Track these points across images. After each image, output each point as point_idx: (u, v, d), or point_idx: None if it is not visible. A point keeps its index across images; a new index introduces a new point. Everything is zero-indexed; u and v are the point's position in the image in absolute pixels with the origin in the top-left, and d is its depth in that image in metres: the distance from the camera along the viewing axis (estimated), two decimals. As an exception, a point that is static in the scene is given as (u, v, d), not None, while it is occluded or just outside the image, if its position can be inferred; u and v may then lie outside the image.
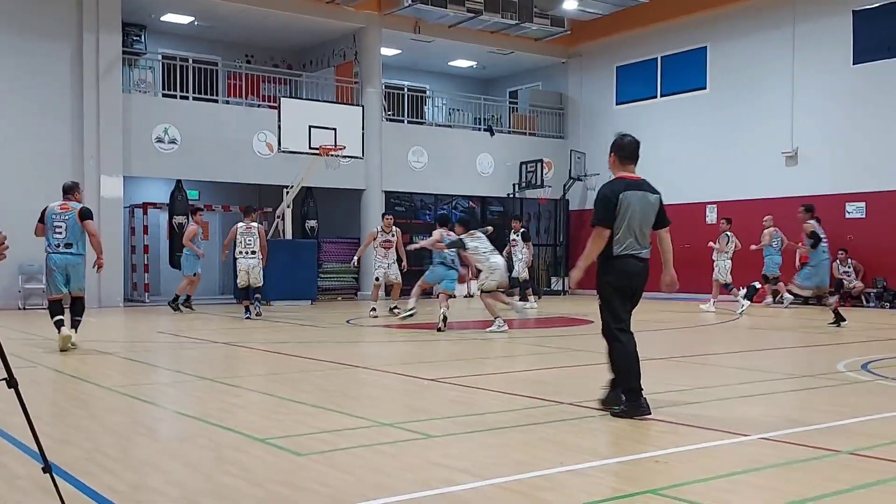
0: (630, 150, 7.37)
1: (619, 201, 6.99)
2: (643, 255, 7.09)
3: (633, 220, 7.01)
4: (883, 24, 21.49)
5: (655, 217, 7.22)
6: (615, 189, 7.09)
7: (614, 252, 6.99)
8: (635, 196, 7.07)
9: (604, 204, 7.07)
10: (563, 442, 6.12)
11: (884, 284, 20.90)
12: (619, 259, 7.00)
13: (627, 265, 7.02)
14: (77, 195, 12.30)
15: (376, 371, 9.90)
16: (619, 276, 7.04)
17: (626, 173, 7.28)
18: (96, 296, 20.86)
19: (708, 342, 13.87)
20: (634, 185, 7.17)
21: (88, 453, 5.70)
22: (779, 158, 23.25)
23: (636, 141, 7.43)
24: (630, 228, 7.00)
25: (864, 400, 8.07)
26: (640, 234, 7.07)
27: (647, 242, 7.13)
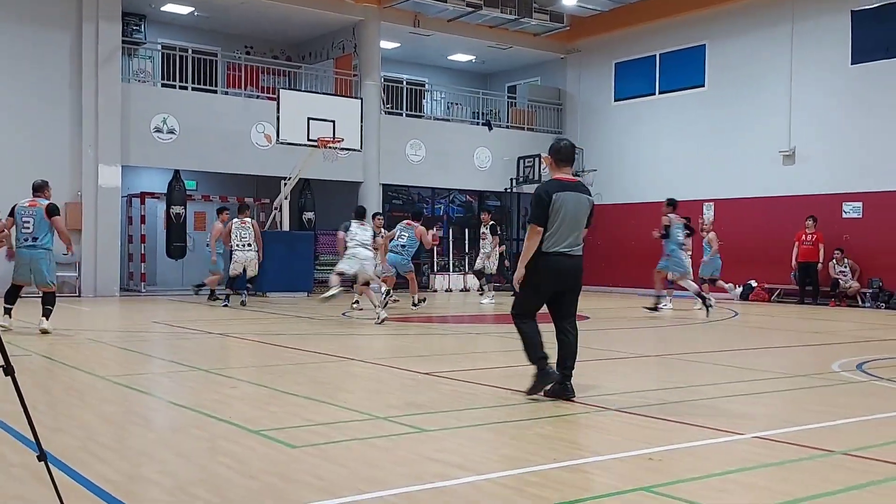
0: (566, 154, 7.81)
1: (552, 201, 7.41)
2: (574, 252, 7.52)
3: (566, 219, 7.44)
4: (881, 24, 21.48)
5: (588, 216, 7.66)
6: (549, 190, 7.51)
7: (545, 248, 7.45)
8: (569, 196, 7.49)
9: (538, 204, 7.49)
10: (557, 438, 6.14)
11: (879, 285, 20.92)
12: (549, 255, 7.45)
13: (557, 262, 7.46)
14: (46, 192, 12.79)
15: (371, 364, 9.91)
16: (546, 271, 7.49)
17: (562, 175, 7.70)
18: (92, 285, 20.89)
19: (701, 340, 13.88)
20: (569, 186, 7.58)
21: (82, 442, 5.70)
22: (776, 157, 23.25)
23: (572, 145, 7.96)
24: (562, 227, 7.44)
25: (859, 400, 8.08)
26: (572, 233, 7.51)
27: (578, 240, 7.56)
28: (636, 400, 7.65)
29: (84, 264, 20.87)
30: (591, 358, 11.27)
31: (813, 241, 21.59)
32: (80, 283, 20.89)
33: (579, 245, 7.58)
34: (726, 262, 22.16)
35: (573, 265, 7.54)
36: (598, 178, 27.96)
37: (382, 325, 14.56)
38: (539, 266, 7.50)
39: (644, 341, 13.58)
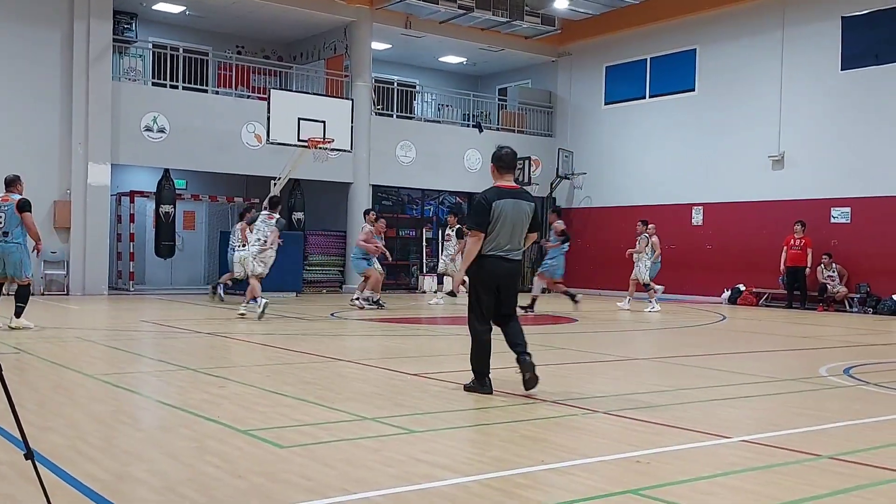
0: (507, 161, 8.18)
1: (492, 208, 7.78)
2: (512, 256, 7.92)
3: (505, 225, 7.81)
4: (871, 31, 21.57)
5: (529, 223, 8.00)
6: (489, 197, 7.89)
7: (484, 252, 7.84)
8: (508, 204, 7.85)
9: (479, 210, 7.90)
10: (545, 440, 6.15)
11: (867, 290, 21.00)
12: (488, 259, 7.85)
13: (495, 265, 7.86)
14: (18, 187, 12.86)
15: (360, 365, 9.91)
16: (487, 274, 7.89)
17: (503, 182, 8.07)
18: (80, 283, 20.84)
19: (690, 344, 13.91)
20: (509, 193, 7.95)
21: (70, 441, 5.69)
22: (765, 162, 23.33)
23: (513, 153, 8.30)
24: (502, 232, 7.82)
25: (846, 405, 8.12)
26: (512, 238, 7.87)
27: (518, 245, 7.93)
28: (624, 403, 7.67)
29: (72, 262, 20.81)
30: (579, 360, 11.30)
31: (801, 246, 21.66)
32: (68, 281, 20.83)
33: (518, 250, 7.96)
34: (718, 266, 22.30)
35: (510, 268, 7.96)
36: (587, 181, 28.01)
37: (242, 318, 15.34)
38: (479, 269, 7.90)
39: (632, 344, 13.61)
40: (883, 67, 21.23)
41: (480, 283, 7.94)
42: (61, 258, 20.78)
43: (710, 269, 24.29)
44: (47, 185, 20.36)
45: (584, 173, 28.16)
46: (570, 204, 28.75)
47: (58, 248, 20.63)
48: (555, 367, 10.20)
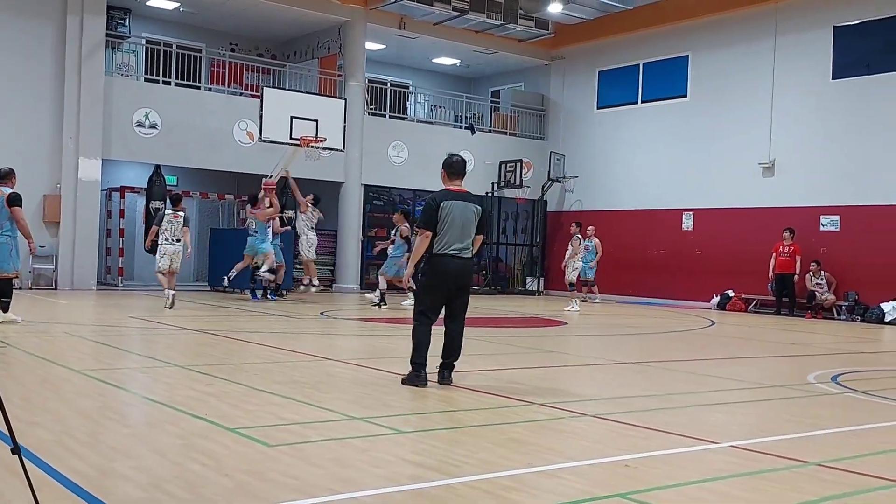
0: (457, 168, 8.65)
1: (440, 208, 8.28)
2: (463, 254, 8.36)
3: (454, 224, 8.29)
4: (862, 41, 21.65)
5: (476, 225, 8.44)
6: (437, 199, 8.38)
7: (435, 250, 8.34)
8: (456, 205, 8.33)
9: (427, 211, 8.41)
10: (533, 443, 6.14)
11: (855, 298, 21.06)
12: (438, 257, 8.33)
13: (446, 263, 8.31)
14: (11, 181, 12.76)
15: (349, 364, 9.89)
16: (437, 270, 8.34)
17: (452, 186, 8.57)
18: (69, 278, 20.77)
19: (678, 348, 13.93)
20: (456, 196, 8.44)
21: (57, 436, 5.67)
22: (756, 169, 23.38)
23: (463, 160, 8.78)
24: (450, 231, 8.28)
25: (834, 412, 8.14)
26: (461, 237, 8.32)
27: (467, 244, 8.37)
28: (612, 406, 7.67)
29: (61, 257, 20.74)
30: (568, 364, 11.31)
31: (790, 253, 21.71)
32: (56, 275, 20.76)
33: (468, 249, 8.39)
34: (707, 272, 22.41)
35: (461, 266, 8.35)
36: (579, 184, 28.05)
37: (172, 309, 15.92)
38: (430, 267, 8.41)
39: (621, 348, 13.62)
40: (874, 77, 21.31)
41: (431, 279, 8.41)
42: (50, 253, 20.71)
43: (699, 274, 24.34)
44: (37, 180, 20.28)
45: (576, 177, 28.19)
46: (560, 207, 28.79)
47: (47, 242, 20.55)
48: (543, 370, 10.21)
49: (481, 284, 27.69)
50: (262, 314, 16.44)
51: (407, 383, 8.30)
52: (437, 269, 8.34)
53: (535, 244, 29.09)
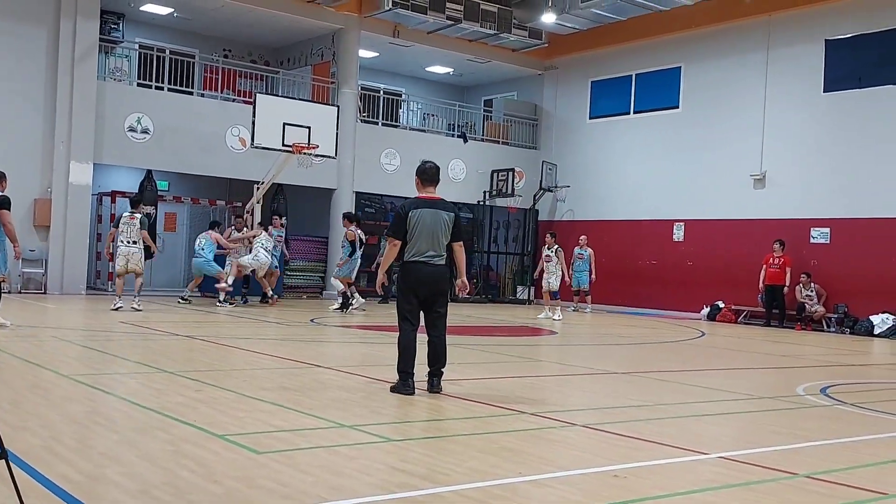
0: (430, 175, 8.71)
1: (409, 217, 8.38)
2: (434, 262, 8.42)
3: (423, 232, 8.36)
4: (854, 54, 21.74)
5: (451, 232, 8.50)
6: (407, 207, 8.50)
7: (406, 258, 8.44)
8: (427, 212, 8.41)
9: (395, 219, 8.58)
10: (523, 452, 6.14)
11: (845, 310, 21.11)
12: (410, 264, 8.43)
13: (417, 269, 8.40)
14: (2, 185, 12.77)
15: (338, 371, 9.88)
16: (408, 278, 8.44)
17: (424, 193, 8.65)
18: (59, 282, 20.71)
19: (668, 359, 13.94)
20: (428, 203, 8.50)
21: (45, 441, 5.65)
22: (747, 180, 23.45)
23: (436, 167, 8.82)
24: (420, 238, 8.37)
25: (823, 424, 8.15)
26: (432, 244, 8.39)
27: (439, 251, 8.43)
28: (602, 416, 7.68)
29: (51, 261, 20.68)
30: (558, 373, 11.31)
31: (780, 265, 21.77)
32: (46, 279, 20.69)
33: (441, 256, 8.45)
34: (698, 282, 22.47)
35: (432, 272, 8.41)
36: (571, 194, 28.08)
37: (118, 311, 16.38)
38: (402, 274, 8.52)
39: (612, 358, 13.63)
40: (865, 91, 21.40)
41: (404, 287, 8.49)
42: (40, 257, 20.64)
43: (689, 285, 24.38)
44: (28, 183, 20.23)
45: (568, 186, 28.23)
46: (552, 216, 28.81)
47: (37, 246, 20.50)
48: (533, 379, 10.21)
49: (472, 293, 27.69)
50: (253, 320, 16.41)
51: (395, 391, 8.30)
52: (408, 275, 8.44)
53: (526, 253, 29.10)
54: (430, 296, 8.45)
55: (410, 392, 8.24)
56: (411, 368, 8.34)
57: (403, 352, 8.36)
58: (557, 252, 20.83)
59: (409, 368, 8.33)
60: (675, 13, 24.25)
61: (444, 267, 8.52)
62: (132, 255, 17.04)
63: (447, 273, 8.55)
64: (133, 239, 17.02)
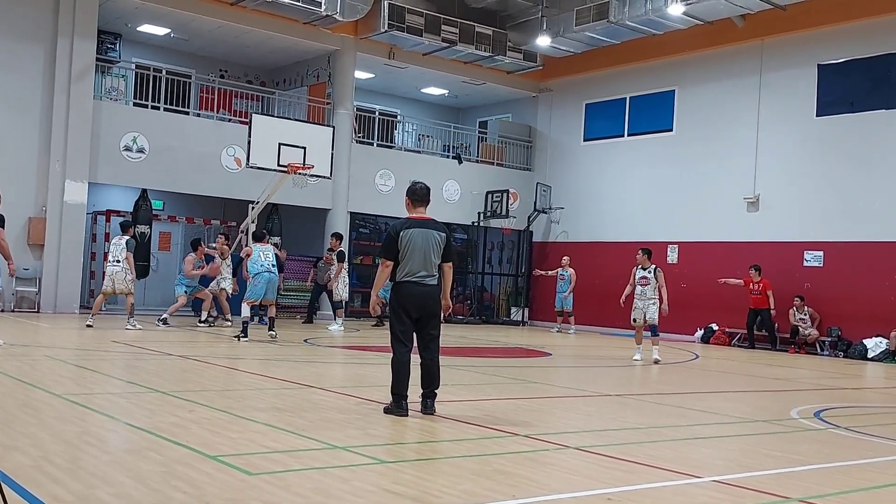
0: (420, 195, 8.77)
1: (400, 238, 8.40)
2: (427, 281, 8.43)
3: (415, 252, 8.37)
4: (847, 79, 21.85)
5: (442, 252, 8.51)
6: (398, 228, 8.53)
7: (398, 278, 8.45)
8: (418, 232, 8.44)
9: (386, 240, 8.63)
10: (517, 474, 6.11)
11: (838, 334, 21.12)
12: (401, 284, 8.43)
13: (409, 289, 8.40)
14: None
15: (332, 392, 9.85)
16: (400, 298, 8.42)
17: (415, 214, 8.68)
18: (52, 301, 20.65)
19: (662, 381, 13.93)
20: (419, 223, 8.54)
21: (36, 461, 5.62)
22: (740, 203, 23.51)
23: (426, 187, 8.87)
24: (412, 259, 8.38)
25: (817, 448, 8.14)
26: (424, 264, 8.40)
27: (431, 271, 8.44)
28: (596, 439, 7.66)
29: (45, 280, 20.63)
30: (553, 395, 11.29)
31: (760, 290, 21.84)
32: (39, 298, 20.64)
33: (433, 276, 8.46)
34: (692, 305, 22.49)
35: (424, 292, 8.41)
36: (565, 216, 28.11)
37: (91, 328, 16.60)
38: (394, 294, 8.48)
39: (606, 380, 13.61)
40: (858, 115, 21.49)
41: (397, 307, 8.44)
42: (34, 275, 20.60)
43: (683, 307, 24.24)
44: (23, 202, 20.22)
45: (562, 208, 28.26)
46: (546, 238, 28.84)
47: (31, 264, 20.46)
48: (527, 401, 10.19)
49: (466, 314, 27.68)
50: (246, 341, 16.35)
51: (389, 413, 8.28)
52: (400, 295, 8.42)
53: (520, 274, 29.12)
54: (423, 316, 8.44)
55: (404, 413, 8.21)
56: (405, 390, 8.31)
57: (397, 373, 8.32)
58: (657, 273, 16.85)
59: (402, 390, 8.30)
60: (668, 37, 24.36)
61: (436, 287, 8.52)
62: (116, 275, 17.20)
63: (439, 293, 8.55)
64: (117, 258, 17.20)
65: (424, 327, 8.49)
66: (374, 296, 8.89)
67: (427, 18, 24.74)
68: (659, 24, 23.53)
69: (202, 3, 22.50)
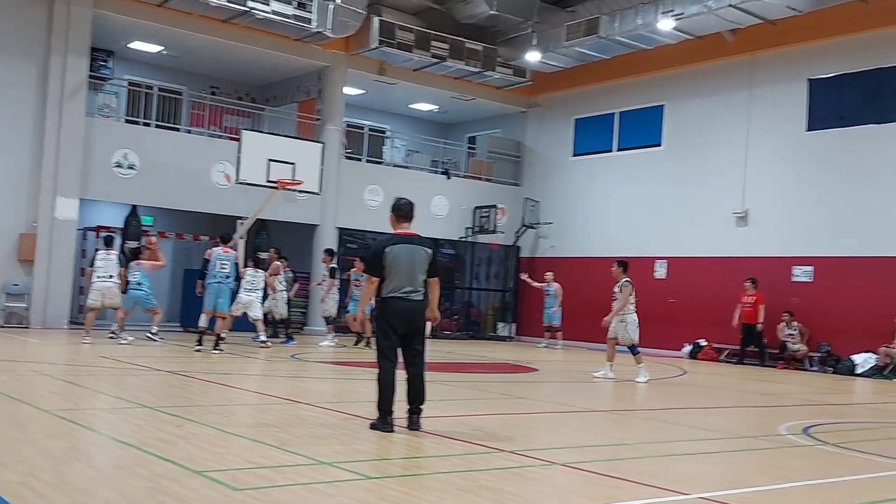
0: (405, 211, 8.83)
1: (385, 254, 8.44)
2: (412, 297, 8.45)
3: (401, 268, 8.41)
4: (837, 94, 21.96)
5: (427, 267, 8.54)
6: (382, 244, 8.57)
7: (383, 294, 8.47)
8: (403, 248, 8.48)
9: (371, 257, 8.65)
10: (503, 490, 6.12)
11: (827, 349, 21.16)
12: (387, 300, 8.45)
13: (395, 304, 8.42)
14: None
15: (318, 408, 9.85)
16: (386, 313, 8.44)
17: (400, 230, 8.75)
18: (41, 317, 20.59)
19: (650, 397, 13.94)
20: (404, 240, 8.59)
21: (23, 477, 5.61)
22: (729, 218, 23.56)
23: (411, 203, 8.91)
24: (397, 275, 8.41)
25: (805, 464, 8.16)
26: (410, 280, 8.44)
27: (417, 286, 8.47)
28: (583, 455, 7.67)
29: (35, 295, 20.57)
30: (540, 411, 11.30)
31: (753, 304, 21.86)
32: (29, 314, 20.57)
33: (419, 291, 8.48)
34: (680, 320, 22.51)
35: (410, 307, 8.43)
36: (553, 230, 28.13)
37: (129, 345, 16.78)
38: (380, 310, 8.50)
39: (594, 396, 13.63)
40: (848, 130, 21.58)
41: (383, 322, 8.46)
42: (23, 291, 20.54)
43: (671, 322, 24.38)
44: (14, 217, 20.20)
45: (550, 223, 28.29)
46: (534, 253, 28.86)
47: (20, 280, 20.41)
48: (513, 417, 10.20)
49: (453, 330, 27.68)
50: (233, 356, 16.34)
51: (374, 429, 8.28)
52: (386, 311, 8.43)
53: (507, 290, 29.13)
54: (409, 332, 8.45)
55: (390, 429, 8.21)
56: (391, 406, 8.31)
57: (383, 389, 8.34)
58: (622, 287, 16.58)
59: (388, 406, 8.31)
60: (658, 52, 24.46)
61: (422, 302, 8.52)
62: (108, 290, 17.30)
63: (424, 309, 8.56)
64: (110, 273, 17.30)
65: (410, 343, 8.49)
66: (360, 312, 9.01)
67: (417, 34, 24.81)
68: (649, 39, 23.62)
69: (194, 21, 22.52)
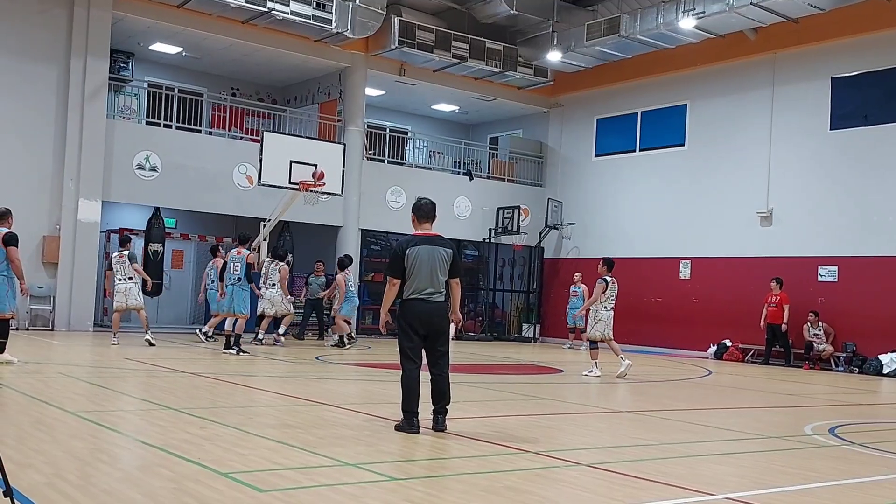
0: (426, 211, 8.77)
1: (406, 255, 8.39)
2: (434, 298, 8.42)
3: (422, 269, 8.37)
4: (860, 92, 21.80)
5: (449, 268, 8.50)
6: (403, 245, 8.52)
7: (405, 296, 8.45)
8: (424, 249, 8.43)
9: (392, 258, 8.57)
10: (527, 491, 6.09)
11: (853, 349, 21.01)
12: (409, 301, 8.43)
13: (416, 306, 8.40)
14: (8, 221, 12.85)
15: (343, 409, 9.85)
16: (408, 315, 8.41)
17: (421, 231, 8.69)
18: (66, 319, 20.72)
19: (674, 398, 13.87)
20: (425, 240, 8.53)
21: (49, 479, 5.63)
22: (753, 218, 23.43)
23: (432, 203, 8.85)
24: (418, 276, 8.37)
25: (830, 465, 8.08)
26: (431, 281, 8.40)
27: (439, 287, 8.42)
28: (608, 455, 7.63)
29: (59, 298, 20.70)
30: (563, 412, 11.26)
31: (777, 303, 21.72)
32: (53, 316, 20.71)
33: (440, 293, 8.45)
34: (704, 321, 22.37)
35: (432, 309, 8.40)
36: (576, 231, 28.09)
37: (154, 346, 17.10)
38: (402, 311, 8.48)
39: (617, 397, 13.58)
40: (872, 128, 21.43)
41: (405, 324, 8.44)
42: (48, 293, 20.68)
43: (696, 323, 24.30)
44: (37, 220, 20.32)
45: (573, 223, 28.24)
46: (557, 254, 28.81)
47: (45, 283, 20.54)
48: (537, 418, 10.17)
49: (477, 331, 27.66)
50: (257, 357, 16.37)
51: (400, 430, 8.28)
52: (407, 312, 8.42)
53: (531, 291, 29.09)
54: (431, 333, 8.44)
55: (415, 431, 8.20)
56: (416, 407, 8.30)
57: (407, 391, 8.34)
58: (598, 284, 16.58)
59: (413, 407, 8.31)
60: (680, 51, 24.38)
61: (444, 303, 8.50)
62: (129, 291, 17.43)
63: (446, 310, 8.53)
64: (129, 275, 17.41)
65: (433, 344, 8.48)
66: (384, 313, 8.78)
67: (437, 35, 24.81)
68: (670, 38, 23.54)
69: (214, 22, 22.62)
